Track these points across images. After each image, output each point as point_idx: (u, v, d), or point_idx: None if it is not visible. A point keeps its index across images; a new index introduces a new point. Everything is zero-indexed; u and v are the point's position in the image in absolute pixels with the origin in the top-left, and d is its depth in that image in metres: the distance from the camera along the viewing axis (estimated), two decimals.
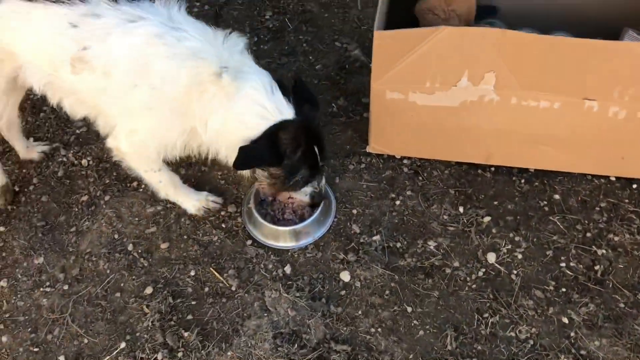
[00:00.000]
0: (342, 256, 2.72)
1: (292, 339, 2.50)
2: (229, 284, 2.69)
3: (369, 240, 2.77)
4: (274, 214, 2.83)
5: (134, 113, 2.44)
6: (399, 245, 2.75)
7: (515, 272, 2.65)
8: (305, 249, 2.77)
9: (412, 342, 2.49)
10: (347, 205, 2.89)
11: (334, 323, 2.54)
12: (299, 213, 2.83)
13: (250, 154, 2.34)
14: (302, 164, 2.44)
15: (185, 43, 2.33)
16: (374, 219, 2.84)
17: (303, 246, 2.77)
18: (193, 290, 2.69)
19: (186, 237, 2.86)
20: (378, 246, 2.75)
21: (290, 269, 2.71)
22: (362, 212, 2.87)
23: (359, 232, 2.80)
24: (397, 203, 2.90)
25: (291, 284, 2.66)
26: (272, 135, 2.33)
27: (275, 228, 2.75)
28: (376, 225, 2.82)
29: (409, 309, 2.57)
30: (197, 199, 2.90)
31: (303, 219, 2.80)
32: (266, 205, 2.87)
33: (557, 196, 2.88)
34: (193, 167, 3.08)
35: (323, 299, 2.61)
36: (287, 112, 2.34)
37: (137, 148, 2.58)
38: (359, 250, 2.74)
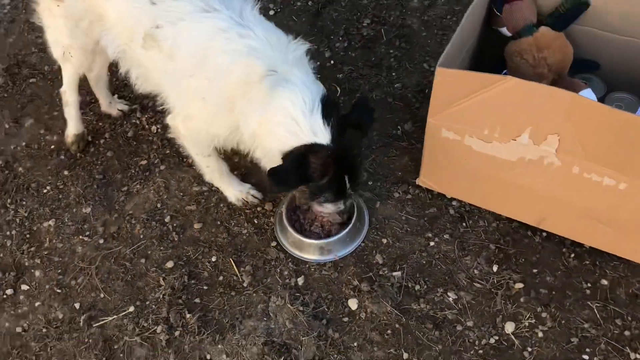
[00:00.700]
0: (356, 283, 2.67)
1: (281, 350, 2.50)
2: (242, 279, 2.73)
3: (388, 274, 2.68)
4: (303, 222, 2.82)
5: (189, 100, 2.52)
6: (417, 288, 2.65)
7: (530, 349, 2.46)
8: (324, 266, 2.74)
9: None
10: (379, 233, 2.82)
11: (326, 347, 2.51)
12: (326, 229, 2.80)
13: (280, 178, 2.30)
14: (327, 190, 2.40)
15: (246, 40, 2.36)
16: (401, 254, 2.75)
17: (322, 262, 2.74)
18: (208, 276, 2.76)
19: (219, 223, 2.93)
20: (395, 283, 2.66)
21: (303, 281, 2.70)
22: (392, 243, 2.79)
23: (381, 264, 2.72)
24: (431, 244, 2.78)
25: (299, 295, 2.65)
26: (300, 157, 2.28)
27: (299, 237, 2.75)
28: (401, 261, 2.73)
29: (405, 356, 2.47)
30: (239, 190, 2.96)
31: (329, 235, 2.77)
32: (299, 212, 2.87)
33: (605, 282, 2.62)
34: (245, 158, 3.13)
35: (324, 320, 2.58)
36: (321, 135, 2.26)
37: (192, 132, 2.67)
38: (375, 281, 2.67)
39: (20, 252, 2.90)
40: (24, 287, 2.79)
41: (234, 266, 2.78)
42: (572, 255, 2.70)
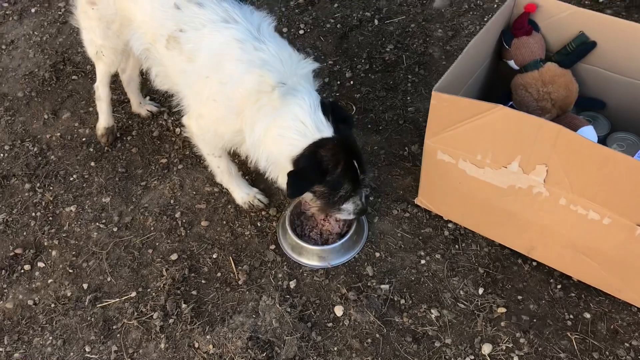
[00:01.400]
0: (344, 291, 2.78)
1: (264, 347, 2.63)
2: (238, 277, 2.88)
3: (376, 286, 2.79)
4: (303, 228, 2.96)
5: (202, 100, 2.72)
6: (403, 302, 2.74)
7: None
8: (316, 272, 2.87)
9: None
10: (373, 247, 2.93)
11: (307, 349, 2.63)
12: (324, 237, 2.93)
13: (300, 179, 2.48)
14: (344, 179, 2.54)
15: (260, 53, 2.54)
16: (391, 269, 2.85)
17: (315, 268, 2.87)
18: (208, 271, 2.93)
19: (225, 222, 3.10)
20: (382, 295, 2.76)
21: (294, 284, 2.83)
22: (384, 257, 2.90)
23: (371, 276, 2.83)
24: (422, 262, 2.87)
25: (288, 298, 2.79)
26: (312, 154, 2.46)
27: (296, 241, 2.89)
28: (391, 275, 2.83)
29: None
30: (247, 193, 3.13)
31: (326, 243, 2.90)
32: (303, 218, 3.01)
33: (588, 315, 2.65)
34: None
35: (309, 323, 2.70)
36: (325, 130, 2.47)
37: (203, 132, 2.86)
38: (362, 291, 2.78)
39: (42, 233, 3.14)
40: (40, 265, 3.02)
41: (233, 264, 2.93)
42: (559, 286, 2.75)
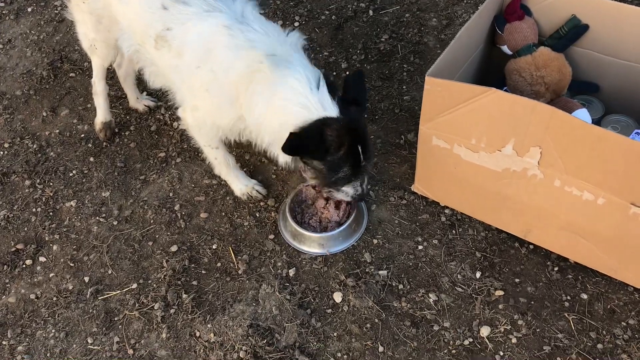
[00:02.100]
0: (343, 277, 2.81)
1: (264, 334, 2.66)
2: (238, 267, 2.91)
3: (374, 272, 2.81)
4: (302, 215, 2.99)
5: (195, 91, 2.74)
6: (401, 287, 2.76)
7: (501, 353, 2.54)
8: (315, 259, 2.89)
9: None
10: (371, 234, 2.96)
11: (307, 335, 2.65)
12: (323, 225, 2.96)
13: (298, 141, 2.42)
14: (345, 162, 2.52)
15: (247, 35, 2.56)
16: (389, 255, 2.88)
17: (314, 255, 2.90)
18: (208, 261, 2.95)
19: (224, 214, 3.13)
20: (380, 280, 2.78)
21: (294, 272, 2.86)
22: (382, 244, 2.92)
23: (369, 262, 2.86)
24: (420, 248, 2.90)
25: (288, 285, 2.81)
26: (318, 129, 2.43)
27: (296, 227, 2.91)
28: (389, 261, 2.86)
29: (381, 349, 2.59)
30: (245, 184, 3.15)
31: (325, 231, 2.92)
32: (303, 206, 3.03)
33: (585, 295, 2.68)
34: (255, 156, 3.33)
35: (309, 310, 2.73)
36: (330, 109, 2.43)
37: (199, 123, 2.88)
38: (361, 277, 2.80)
39: (42, 228, 3.17)
40: (42, 259, 3.05)
41: (232, 254, 2.96)
42: (556, 268, 2.77)
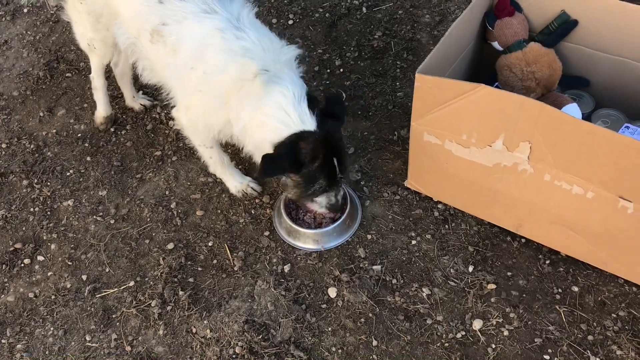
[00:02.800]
0: (337, 273, 2.84)
1: (260, 329, 2.70)
2: (234, 264, 2.94)
3: (368, 267, 2.85)
4: (297, 211, 3.02)
5: (188, 92, 2.77)
6: (394, 282, 2.80)
7: (493, 346, 2.57)
8: (310, 255, 2.92)
9: None
10: (365, 229, 2.99)
11: (302, 330, 2.69)
12: (318, 221, 2.99)
13: (272, 163, 2.52)
14: (320, 174, 2.58)
15: (241, 42, 2.59)
16: (383, 250, 2.91)
17: (309, 251, 2.93)
18: (204, 258, 2.99)
19: (219, 211, 3.16)
20: (374, 275, 2.82)
21: (288, 268, 2.89)
22: (376, 239, 2.95)
23: (363, 257, 2.89)
24: (413, 243, 2.93)
25: (283, 281, 2.85)
26: (292, 144, 2.51)
27: (290, 224, 2.95)
28: (382, 256, 2.89)
29: (375, 343, 2.63)
30: (240, 182, 3.19)
31: (319, 227, 2.96)
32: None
33: (576, 288, 2.71)
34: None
35: (303, 305, 2.76)
36: (308, 123, 2.50)
37: (193, 123, 2.91)
38: (355, 273, 2.84)
39: (40, 227, 3.20)
40: (40, 258, 3.08)
41: (228, 251, 2.99)
42: (548, 262, 2.81)
